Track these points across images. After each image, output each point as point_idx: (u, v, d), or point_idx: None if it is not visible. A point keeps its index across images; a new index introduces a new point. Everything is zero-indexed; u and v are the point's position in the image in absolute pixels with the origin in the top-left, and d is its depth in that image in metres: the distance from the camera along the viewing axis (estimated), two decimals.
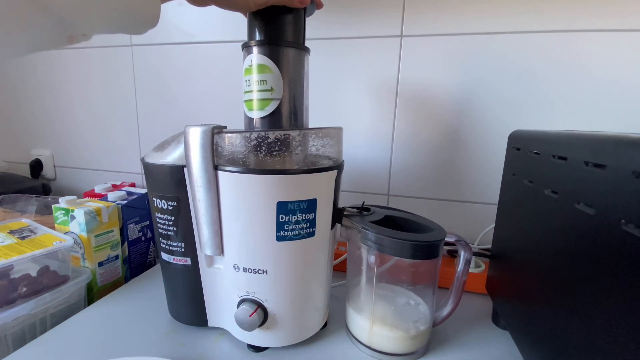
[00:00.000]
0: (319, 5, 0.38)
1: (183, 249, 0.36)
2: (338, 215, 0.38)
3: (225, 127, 0.32)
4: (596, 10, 0.48)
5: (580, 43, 0.49)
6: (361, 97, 0.60)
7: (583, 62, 0.50)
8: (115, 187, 0.65)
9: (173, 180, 0.34)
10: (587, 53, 0.49)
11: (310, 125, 0.39)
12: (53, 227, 0.50)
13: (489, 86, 0.54)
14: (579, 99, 0.51)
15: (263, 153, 0.31)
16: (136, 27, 0.27)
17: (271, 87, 0.34)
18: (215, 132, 0.31)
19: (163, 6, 0.28)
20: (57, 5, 0.20)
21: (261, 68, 0.34)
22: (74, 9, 0.21)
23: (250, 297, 0.35)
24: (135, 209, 0.55)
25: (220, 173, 0.31)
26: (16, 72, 0.80)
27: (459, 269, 0.36)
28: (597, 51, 0.49)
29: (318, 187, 0.34)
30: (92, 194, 0.61)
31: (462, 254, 0.36)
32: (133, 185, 0.69)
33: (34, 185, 0.75)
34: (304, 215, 0.33)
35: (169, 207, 0.35)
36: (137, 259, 0.57)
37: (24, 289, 0.40)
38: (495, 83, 0.54)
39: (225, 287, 0.36)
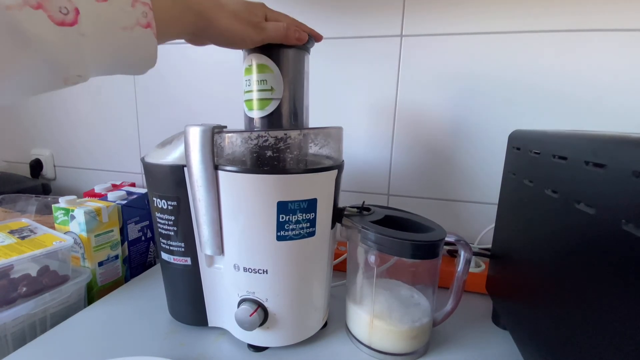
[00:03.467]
0: (318, 39, 0.37)
1: (183, 249, 0.36)
2: (338, 215, 0.38)
3: (225, 127, 0.32)
4: (596, 10, 0.48)
5: (580, 43, 0.49)
6: (361, 97, 0.60)
7: (583, 61, 0.50)
8: (115, 187, 0.65)
9: (173, 180, 0.34)
10: (587, 53, 0.49)
11: (311, 125, 0.39)
12: (53, 227, 0.50)
13: (488, 86, 0.54)
14: (579, 99, 0.51)
15: (263, 153, 0.31)
16: (133, 68, 0.26)
17: (271, 87, 0.34)
18: (216, 131, 0.31)
19: None
20: (48, 49, 0.20)
21: (261, 68, 0.34)
22: (65, 51, 0.21)
23: (251, 296, 0.35)
24: (135, 209, 0.55)
25: (220, 173, 0.31)
26: None
27: (459, 269, 0.36)
28: (597, 51, 0.49)
29: (318, 187, 0.34)
30: (92, 194, 0.61)
31: (462, 254, 0.36)
32: (133, 185, 0.69)
33: (34, 185, 0.75)
34: (304, 215, 0.33)
35: (169, 207, 0.35)
36: (137, 258, 0.57)
37: (24, 289, 0.40)
38: (495, 83, 0.54)
39: (226, 286, 0.36)
